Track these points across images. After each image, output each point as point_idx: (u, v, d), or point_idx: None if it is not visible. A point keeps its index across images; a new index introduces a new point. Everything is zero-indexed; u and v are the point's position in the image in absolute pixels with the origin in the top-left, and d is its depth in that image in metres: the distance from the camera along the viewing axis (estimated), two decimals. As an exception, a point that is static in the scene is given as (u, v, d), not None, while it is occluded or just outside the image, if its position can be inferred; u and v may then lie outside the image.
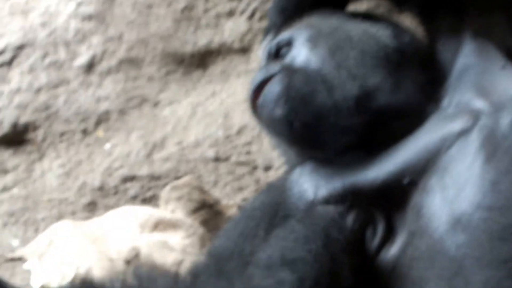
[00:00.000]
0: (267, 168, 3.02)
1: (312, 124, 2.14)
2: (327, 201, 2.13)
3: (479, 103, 2.05)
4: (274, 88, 2.17)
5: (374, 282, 2.04)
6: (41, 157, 3.11)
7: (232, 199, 2.94)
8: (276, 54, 2.33)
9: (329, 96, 2.15)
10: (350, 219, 2.10)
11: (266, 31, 2.52)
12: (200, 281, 2.01)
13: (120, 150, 3.10)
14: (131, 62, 3.22)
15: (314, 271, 1.96)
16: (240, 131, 3.08)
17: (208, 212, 2.73)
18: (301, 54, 2.26)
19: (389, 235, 2.06)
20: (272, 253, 2.02)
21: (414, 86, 2.20)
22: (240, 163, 3.05)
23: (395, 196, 2.05)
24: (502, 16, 2.23)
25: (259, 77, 2.23)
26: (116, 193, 3.01)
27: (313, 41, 2.27)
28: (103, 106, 3.17)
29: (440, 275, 1.88)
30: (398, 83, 2.19)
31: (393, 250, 2.04)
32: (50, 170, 3.07)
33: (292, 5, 2.47)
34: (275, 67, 2.24)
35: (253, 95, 2.22)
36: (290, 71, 2.21)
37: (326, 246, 2.01)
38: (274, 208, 2.21)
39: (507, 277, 1.77)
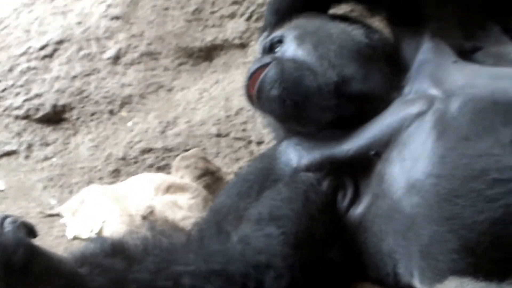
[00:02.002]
0: (260, 143, 3.02)
1: (300, 103, 2.19)
2: (308, 169, 2.18)
3: (434, 91, 2.10)
4: (270, 73, 2.21)
5: (343, 235, 2.08)
6: (75, 133, 3.12)
7: (230, 168, 2.94)
8: (270, 49, 2.39)
9: (314, 80, 2.19)
10: (325, 184, 2.15)
11: (262, 30, 2.57)
12: (205, 238, 2.02)
13: (140, 127, 3.11)
14: (150, 55, 3.25)
15: (295, 227, 2.01)
16: (238, 112, 3.09)
17: (210, 178, 2.72)
18: (290, 48, 2.31)
19: (356, 197, 2.11)
20: (262, 210, 2.07)
21: (381, 76, 2.25)
22: (237, 138, 3.05)
23: (363, 165, 2.10)
24: (454, 21, 2.29)
25: (254, 66, 2.29)
26: (136, 162, 3.01)
27: (300, 38, 2.32)
28: (127, 91, 3.19)
29: (397, 229, 1.95)
30: (368, 73, 2.24)
31: (359, 209, 2.09)
32: (82, 143, 3.09)
33: (283, 8, 2.51)
34: (268, 58, 2.29)
35: (248, 81, 2.27)
36: (281, 61, 2.26)
37: (305, 206, 2.07)
38: (265, 173, 2.25)
39: (449, 232, 1.82)
